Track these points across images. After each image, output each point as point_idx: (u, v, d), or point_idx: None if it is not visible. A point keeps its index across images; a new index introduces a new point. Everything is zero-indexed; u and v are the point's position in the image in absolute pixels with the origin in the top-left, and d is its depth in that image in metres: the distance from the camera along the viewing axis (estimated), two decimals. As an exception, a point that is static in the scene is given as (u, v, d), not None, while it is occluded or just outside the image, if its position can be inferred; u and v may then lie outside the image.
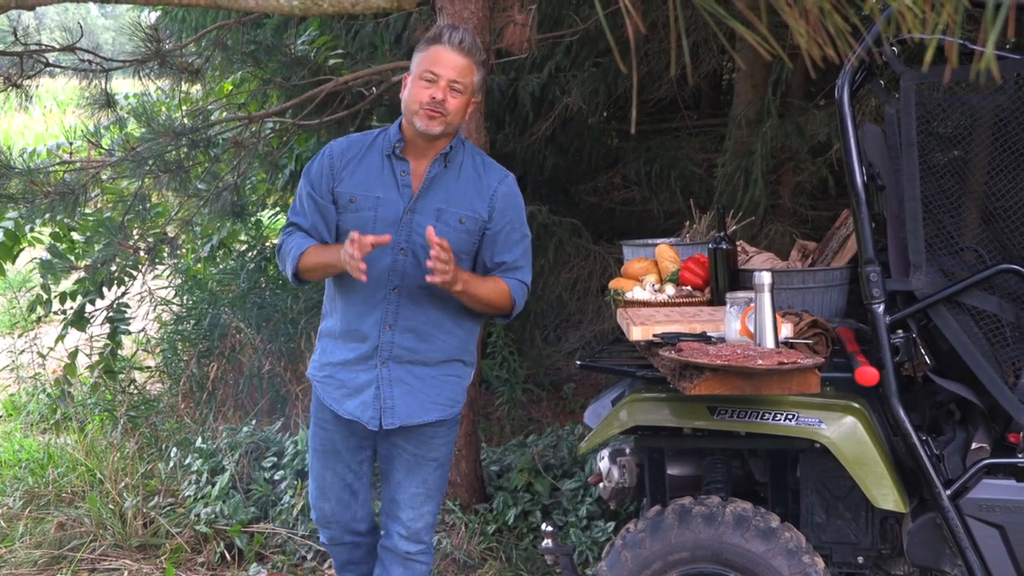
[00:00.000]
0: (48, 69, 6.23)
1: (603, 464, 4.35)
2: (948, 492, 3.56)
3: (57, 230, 7.65)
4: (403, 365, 3.83)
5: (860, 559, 3.95)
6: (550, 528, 4.29)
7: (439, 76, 3.67)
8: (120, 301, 7.38)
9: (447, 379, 3.91)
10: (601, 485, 4.37)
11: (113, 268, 6.93)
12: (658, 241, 4.85)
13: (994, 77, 1.41)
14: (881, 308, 3.60)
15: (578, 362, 4.17)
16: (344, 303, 3.85)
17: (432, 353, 3.85)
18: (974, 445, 3.64)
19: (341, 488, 4.07)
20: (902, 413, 3.57)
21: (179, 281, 8.59)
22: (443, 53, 3.68)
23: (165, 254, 7.36)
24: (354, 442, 4.00)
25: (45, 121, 20.45)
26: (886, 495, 3.62)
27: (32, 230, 7.61)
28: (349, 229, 3.66)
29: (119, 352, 7.59)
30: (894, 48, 3.65)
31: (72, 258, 7.43)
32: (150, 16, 8.51)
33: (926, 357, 3.70)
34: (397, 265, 3.75)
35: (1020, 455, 3.56)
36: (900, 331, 3.62)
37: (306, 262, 3.77)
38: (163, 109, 8.33)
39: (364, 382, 3.83)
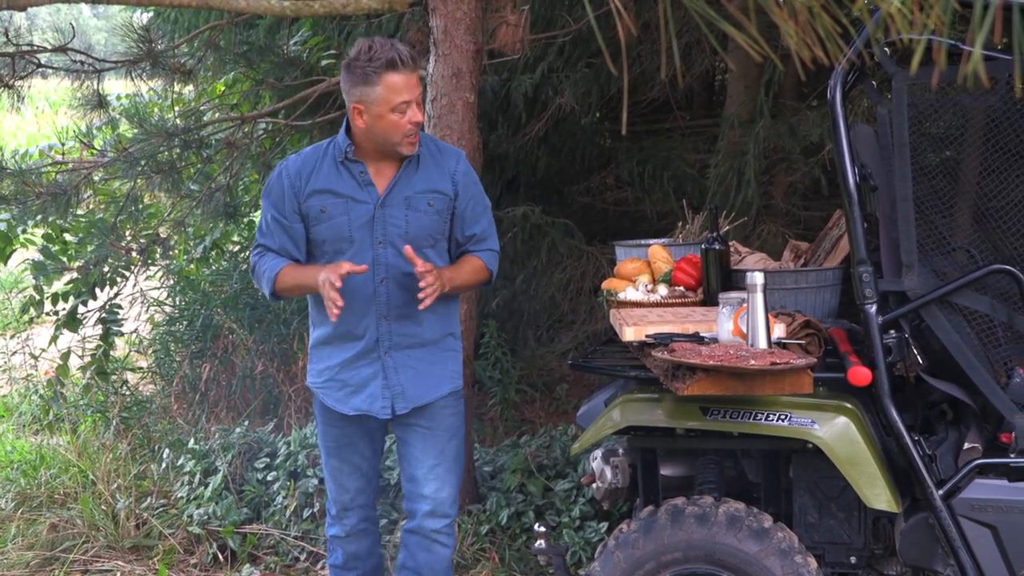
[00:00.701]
0: (40, 70, 6.21)
1: (596, 464, 4.35)
2: (940, 492, 3.56)
3: (49, 231, 7.65)
4: (404, 351, 3.99)
5: (853, 559, 3.95)
6: (543, 528, 4.29)
7: (409, 102, 3.77)
8: (112, 302, 7.37)
9: (446, 354, 4.10)
10: (594, 485, 4.38)
11: (105, 269, 6.93)
12: (651, 242, 4.85)
13: (981, 78, 1.41)
14: (873, 308, 3.60)
15: (570, 363, 4.17)
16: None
17: (428, 334, 4.02)
18: (966, 445, 3.65)
19: (358, 477, 4.20)
20: (894, 413, 3.57)
21: (172, 282, 8.57)
22: (402, 80, 3.75)
23: (158, 255, 7.37)
24: (365, 432, 4.14)
25: (37, 122, 20.40)
26: (879, 495, 3.62)
27: (24, 231, 7.60)
28: (326, 239, 3.91)
29: (111, 353, 7.57)
30: (886, 49, 3.65)
31: (64, 259, 7.43)
32: (142, 17, 8.49)
33: (918, 357, 3.70)
34: (379, 259, 3.90)
35: (1012, 455, 3.56)
36: (892, 331, 3.62)
37: (283, 283, 3.92)
38: (155, 110, 8.33)
39: (368, 375, 3.99)
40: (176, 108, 7.77)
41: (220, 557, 5.51)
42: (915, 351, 3.68)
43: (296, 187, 3.90)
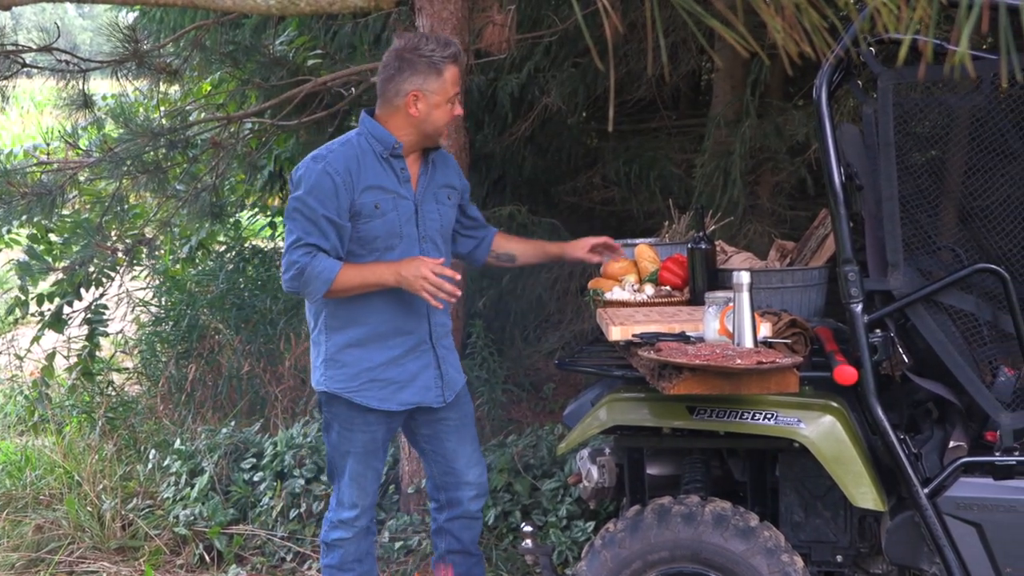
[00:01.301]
0: (25, 70, 6.19)
1: (583, 464, 4.35)
2: (926, 490, 3.57)
3: (35, 231, 7.62)
4: (442, 340, 4.17)
5: (839, 558, 3.96)
6: (530, 528, 4.29)
7: (459, 94, 3.98)
8: (98, 302, 7.35)
9: (452, 343, 4.29)
10: (581, 485, 4.38)
11: (91, 269, 6.90)
12: (637, 241, 4.85)
13: (968, 75, 1.42)
14: (859, 307, 3.61)
15: (557, 362, 4.18)
16: (380, 308, 3.99)
17: (450, 323, 4.26)
18: (952, 444, 3.65)
19: (377, 479, 4.25)
20: (880, 412, 3.58)
21: (157, 282, 8.55)
22: (453, 70, 3.93)
23: (143, 255, 7.34)
24: (388, 432, 4.20)
25: (22, 122, 20.35)
26: (864, 494, 3.63)
27: (9, 231, 7.58)
28: (379, 235, 3.94)
29: (97, 354, 7.55)
30: (871, 49, 3.66)
31: (50, 259, 7.40)
32: (128, 16, 8.48)
33: (904, 356, 3.71)
34: (425, 253, 4.00)
35: (997, 453, 3.58)
36: (878, 330, 3.62)
37: (343, 283, 3.87)
38: (141, 110, 8.30)
39: (418, 368, 4.08)
40: (162, 108, 7.76)
41: (206, 558, 5.51)
42: (901, 350, 3.69)
43: (348, 184, 3.88)
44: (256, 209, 9.48)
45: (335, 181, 3.86)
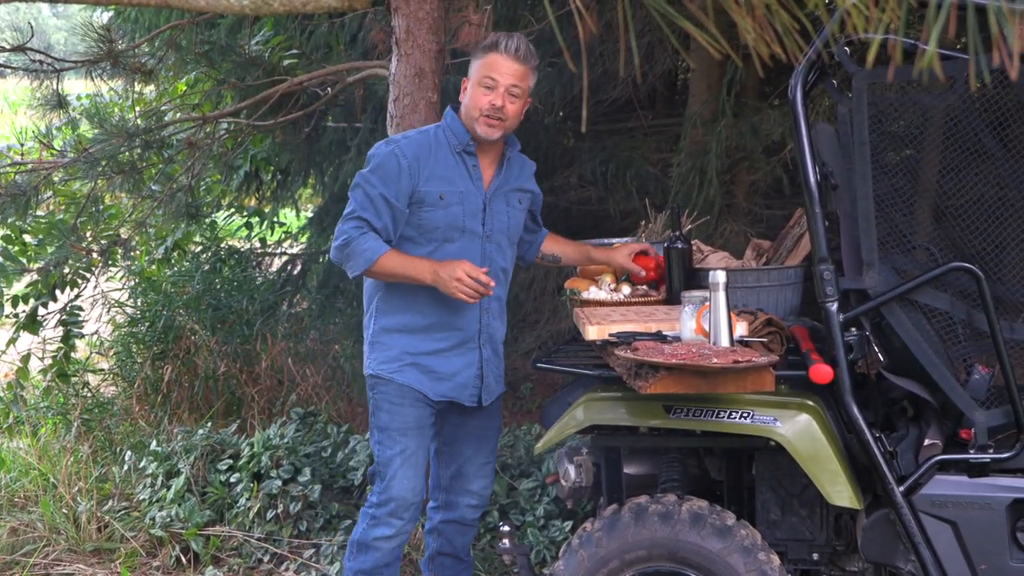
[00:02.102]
0: (-2, 69, 6.17)
1: (560, 464, 4.35)
2: (901, 488, 3.58)
3: (9, 232, 7.58)
4: (490, 344, 4.17)
5: (815, 556, 3.97)
6: (507, 528, 4.29)
7: (497, 82, 3.97)
8: (73, 304, 7.32)
9: (502, 353, 4.30)
10: (558, 484, 4.38)
11: (66, 270, 6.88)
12: (614, 241, 4.85)
13: (937, 75, 1.42)
14: (835, 306, 3.62)
15: (534, 362, 4.18)
16: (430, 298, 3.99)
17: (503, 329, 4.26)
18: (927, 442, 3.67)
19: (424, 470, 4.19)
20: (856, 410, 3.59)
21: (133, 283, 8.52)
22: (500, 60, 3.97)
23: (119, 256, 7.33)
24: (432, 421, 4.18)
25: (-4, 122, 20.23)
26: (840, 492, 3.64)
27: (-17, 232, 7.53)
28: (440, 225, 3.98)
29: (72, 355, 7.52)
30: (846, 48, 3.67)
31: (24, 260, 7.37)
32: (102, 16, 8.44)
33: (879, 355, 3.72)
34: (487, 252, 4.06)
35: (972, 451, 3.59)
36: (853, 329, 3.64)
37: (384, 266, 3.91)
38: (116, 110, 8.28)
39: (460, 365, 4.10)
40: (137, 108, 7.73)
41: (183, 560, 5.49)
42: (876, 349, 3.70)
43: (414, 169, 3.94)
44: (232, 209, 9.46)
45: (400, 164, 3.93)
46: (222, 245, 9.00)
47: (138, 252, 8.42)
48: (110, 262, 7.33)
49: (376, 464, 4.17)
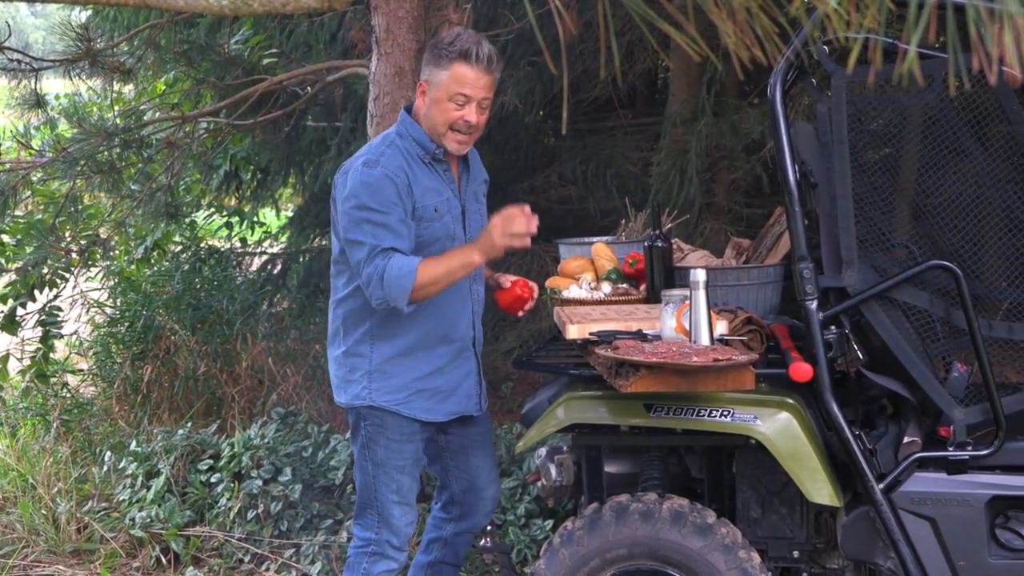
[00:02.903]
0: (-24, 69, 6.14)
1: (541, 462, 4.36)
2: (881, 486, 3.60)
3: (-13, 232, 7.55)
4: (480, 348, 4.09)
5: (795, 553, 3.98)
6: (488, 527, 4.29)
7: (470, 98, 3.75)
8: (52, 304, 7.29)
9: None
10: (539, 483, 4.38)
11: (45, 270, 6.85)
12: (594, 240, 4.86)
13: (916, 77, 1.43)
14: (814, 304, 3.63)
15: (515, 361, 4.18)
16: (428, 315, 3.84)
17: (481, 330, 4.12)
18: (906, 439, 3.69)
19: (416, 493, 4.09)
20: (835, 408, 3.60)
21: (112, 283, 8.49)
22: (470, 73, 3.72)
23: (98, 256, 7.30)
24: (423, 447, 4.07)
25: (-26, 122, 20.12)
26: (820, 490, 3.65)
27: (-39, 233, 7.50)
28: (439, 237, 3.82)
29: (51, 355, 7.49)
30: (824, 48, 3.68)
31: (2, 261, 7.33)
32: (81, 15, 8.41)
33: (859, 353, 3.73)
34: None
35: (951, 448, 3.61)
36: (833, 327, 3.65)
37: (425, 277, 3.60)
38: (95, 109, 8.26)
39: (461, 376, 3.98)
40: (116, 107, 7.72)
41: (163, 560, 5.47)
42: (855, 347, 3.71)
43: (405, 186, 3.72)
44: (212, 209, 9.44)
45: (397, 184, 3.69)
46: (202, 245, 8.97)
47: (117, 252, 8.39)
48: (89, 262, 7.31)
49: (369, 498, 3.98)
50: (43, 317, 7.24)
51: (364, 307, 3.84)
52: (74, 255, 6.84)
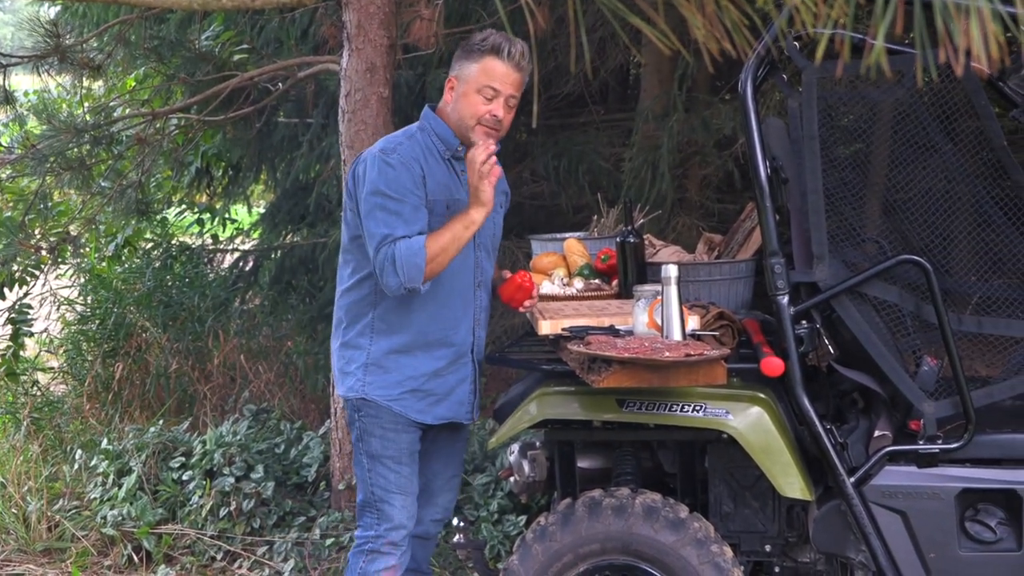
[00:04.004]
0: (-57, 65, 6.09)
1: (513, 458, 4.36)
2: (852, 479, 3.61)
3: (-45, 230, 7.49)
4: (479, 356, 4.03)
5: (767, 547, 4.00)
6: (461, 523, 4.29)
7: (499, 92, 3.74)
8: (22, 302, 7.24)
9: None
10: (512, 479, 4.38)
11: (14, 268, 6.80)
12: (566, 235, 4.87)
13: (884, 70, 1.44)
14: (785, 299, 3.64)
15: (487, 357, 4.17)
16: (429, 314, 3.82)
17: (485, 340, 4.07)
18: (877, 433, 3.70)
19: (415, 497, 3.99)
20: (807, 403, 3.62)
21: (83, 280, 8.45)
22: (501, 67, 3.72)
23: (68, 253, 7.25)
24: (419, 444, 3.99)
25: (-58, 118, 19.97)
26: (792, 484, 3.67)
27: (-71, 230, 7.44)
28: None
29: (21, 353, 7.44)
30: (795, 43, 3.70)
31: (-29, 258, 7.28)
32: (49, 11, 8.37)
33: (830, 347, 3.75)
34: (479, 262, 3.90)
35: (921, 442, 3.63)
36: (804, 322, 3.66)
37: (433, 248, 3.60)
38: (64, 106, 8.22)
39: (456, 382, 3.92)
40: (85, 104, 7.68)
41: (135, 558, 5.45)
42: (826, 341, 3.73)
43: (420, 177, 3.70)
44: (183, 206, 9.41)
45: (411, 172, 3.69)
46: (173, 242, 8.95)
47: (88, 249, 8.35)
48: (59, 259, 7.26)
49: (367, 495, 3.93)
50: (13, 315, 7.19)
51: (367, 299, 3.84)
52: (44, 252, 6.80)
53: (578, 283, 4.44)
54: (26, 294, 7.25)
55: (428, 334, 3.84)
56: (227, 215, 9.82)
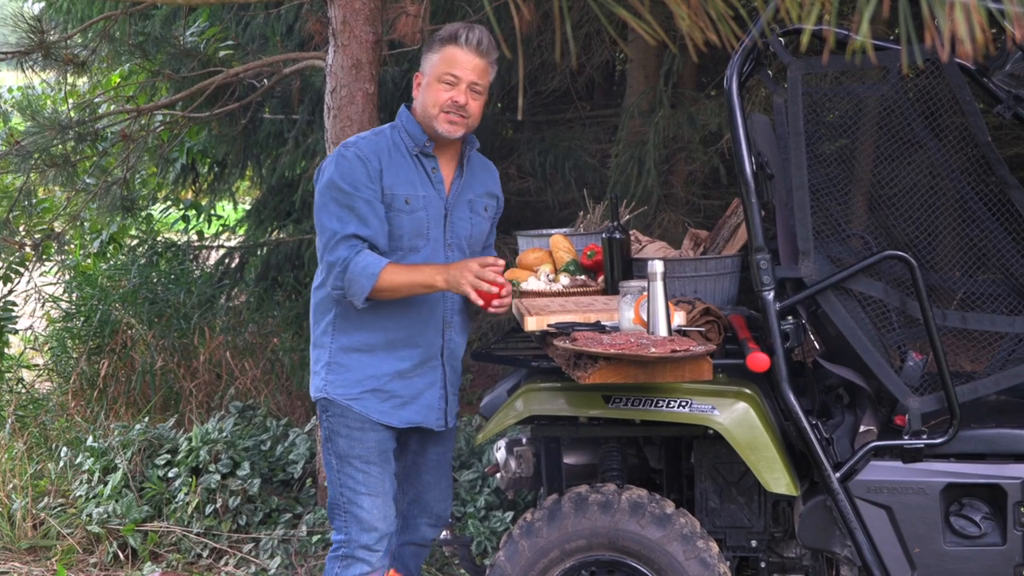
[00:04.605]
0: (-74, 61, 6.07)
1: (500, 454, 4.36)
2: (837, 475, 3.62)
3: (-61, 227, 7.46)
4: (452, 362, 3.94)
5: (753, 543, 4.00)
6: (448, 520, 4.29)
7: (459, 79, 3.73)
8: (7, 299, 7.23)
9: (460, 370, 4.06)
10: (498, 475, 4.38)
11: (-1, 265, 6.80)
12: (552, 231, 4.86)
13: (870, 59, 1.44)
14: (771, 295, 3.65)
15: (474, 353, 4.17)
16: (397, 314, 3.77)
17: (463, 345, 4.01)
18: (862, 428, 3.71)
19: (394, 493, 3.90)
20: (792, 398, 3.62)
21: (68, 277, 8.43)
22: (460, 54, 3.72)
23: (53, 250, 7.24)
24: (394, 444, 3.90)
25: (-74, 115, 19.89)
26: (778, 479, 3.67)
27: (-87, 227, 7.41)
28: (404, 233, 3.73)
29: (6, 351, 7.43)
30: (780, 39, 3.70)
31: (-45, 255, 7.26)
32: (34, 7, 8.34)
33: (815, 343, 3.76)
34: (449, 262, 3.78)
35: (906, 437, 3.64)
36: (790, 317, 3.67)
37: (388, 281, 3.60)
38: (48, 102, 8.20)
39: (423, 386, 3.85)
40: (70, 100, 7.65)
41: (120, 556, 5.44)
42: (812, 337, 3.74)
43: (377, 171, 3.68)
44: (168, 202, 9.40)
45: (366, 167, 3.67)
46: (159, 238, 8.94)
47: (73, 246, 8.34)
48: (44, 256, 7.25)
49: (336, 496, 3.86)
50: (-3, 312, 7.18)
51: (330, 296, 3.78)
52: (28, 249, 6.79)
53: (564, 279, 4.44)
54: (10, 291, 7.24)
55: (390, 332, 3.78)
56: (212, 212, 9.82)
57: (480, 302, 3.55)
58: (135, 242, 8.76)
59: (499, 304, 3.63)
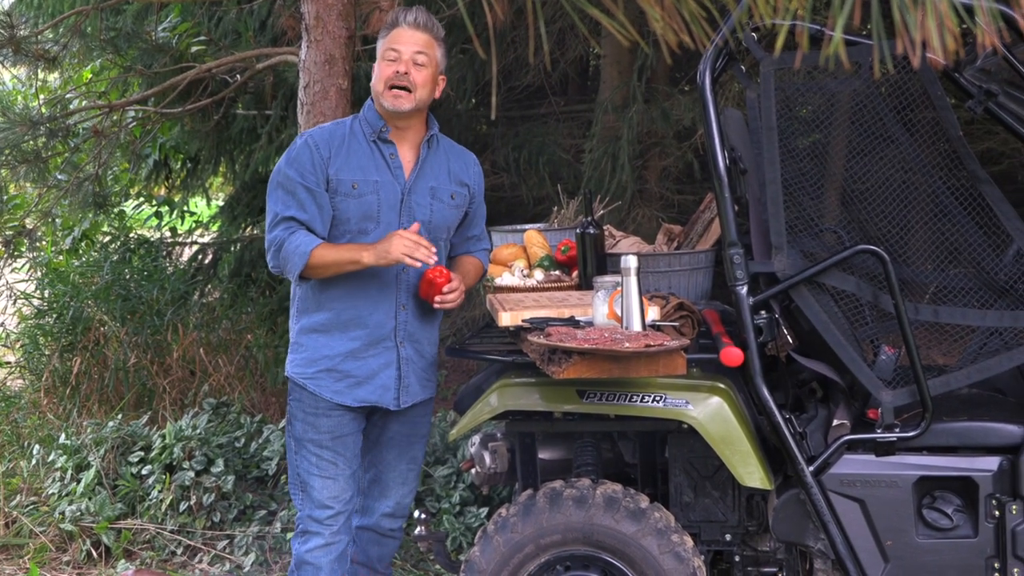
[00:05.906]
0: None
1: (474, 450, 4.36)
2: (811, 468, 3.64)
3: (-91, 224, 7.42)
4: (412, 344, 3.95)
5: (727, 536, 4.02)
6: (423, 515, 4.29)
7: (400, 52, 3.81)
8: (-22, 296, 7.20)
9: (434, 356, 4.09)
10: (473, 471, 4.39)
11: (-30, 262, 6.76)
12: (526, 227, 4.87)
13: (843, 61, 1.45)
14: (744, 290, 3.66)
15: (448, 349, 4.17)
16: (344, 294, 3.82)
17: (429, 331, 4.03)
18: (835, 422, 3.73)
19: (351, 474, 3.95)
20: (766, 392, 3.63)
21: (40, 274, 8.39)
22: (400, 31, 3.82)
23: (24, 247, 7.20)
24: (355, 426, 3.94)
25: None
26: (752, 473, 3.69)
27: None
28: (351, 217, 3.80)
29: (-23, 349, 7.39)
30: (753, 35, 3.71)
31: (-74, 252, 7.22)
32: (3, 1, 8.28)
33: (789, 337, 3.77)
34: None
35: (879, 431, 3.65)
36: (763, 312, 3.68)
37: (320, 259, 3.70)
38: (19, 98, 8.15)
39: (378, 366, 3.88)
40: (41, 96, 7.62)
41: (94, 554, 5.41)
42: (785, 331, 3.75)
43: (325, 158, 3.77)
44: (141, 199, 9.36)
45: (313, 154, 3.77)
46: (131, 235, 8.90)
47: (44, 243, 8.29)
48: (15, 253, 7.21)
49: (294, 476, 3.97)
50: (-32, 309, 7.15)
51: (295, 283, 3.92)
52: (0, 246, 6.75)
53: (538, 274, 4.44)
54: (-19, 289, 7.20)
55: (343, 312, 3.85)
56: (186, 208, 9.78)
57: (416, 265, 3.64)
58: (107, 239, 8.72)
59: (441, 300, 3.75)
